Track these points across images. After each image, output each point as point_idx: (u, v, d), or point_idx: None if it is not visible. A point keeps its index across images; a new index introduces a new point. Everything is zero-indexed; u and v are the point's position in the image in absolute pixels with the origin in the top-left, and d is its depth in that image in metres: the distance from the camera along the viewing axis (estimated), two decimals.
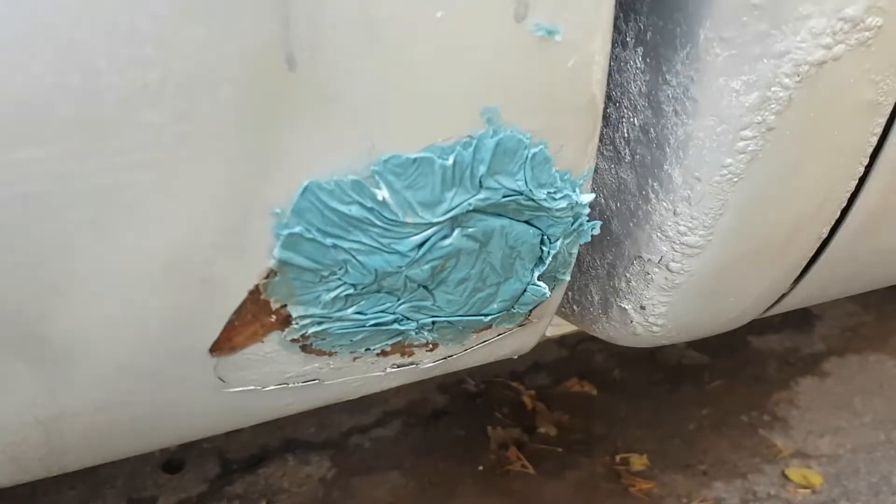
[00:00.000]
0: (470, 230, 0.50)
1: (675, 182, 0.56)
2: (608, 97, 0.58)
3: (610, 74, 0.57)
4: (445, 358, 0.61)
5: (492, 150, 0.46)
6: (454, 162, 0.45)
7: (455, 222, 0.49)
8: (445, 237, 0.49)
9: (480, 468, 1.66)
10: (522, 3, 0.40)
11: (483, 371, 1.92)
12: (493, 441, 1.74)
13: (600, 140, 0.61)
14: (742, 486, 1.60)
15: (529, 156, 0.47)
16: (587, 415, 1.85)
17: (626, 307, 0.67)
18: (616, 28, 0.55)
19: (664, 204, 0.58)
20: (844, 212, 0.61)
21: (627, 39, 0.54)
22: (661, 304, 0.65)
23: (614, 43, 0.55)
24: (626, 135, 0.58)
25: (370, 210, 0.45)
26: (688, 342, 1.56)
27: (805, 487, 1.56)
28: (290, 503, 1.48)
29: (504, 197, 0.49)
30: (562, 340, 1.97)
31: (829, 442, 1.70)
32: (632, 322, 0.68)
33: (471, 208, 0.48)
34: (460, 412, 1.84)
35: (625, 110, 0.57)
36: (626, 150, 0.59)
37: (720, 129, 0.51)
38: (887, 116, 0.54)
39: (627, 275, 0.65)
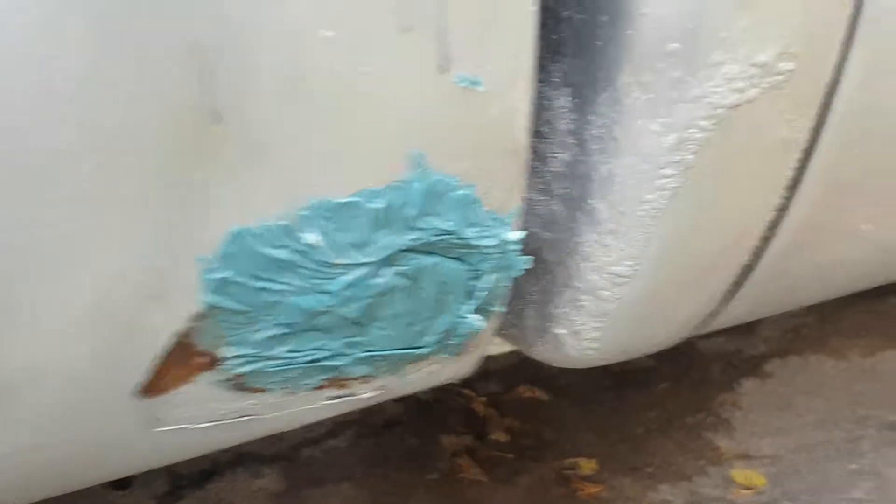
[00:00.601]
0: (402, 268, 0.51)
1: (602, 216, 0.58)
2: (538, 133, 0.59)
3: (539, 111, 0.59)
4: (382, 388, 0.62)
5: (422, 193, 0.47)
6: (384, 205, 0.46)
7: (387, 261, 0.50)
8: (378, 276, 0.50)
9: (433, 477, 1.67)
10: (445, 57, 0.42)
11: None
12: (446, 449, 1.74)
13: (533, 173, 0.63)
14: (687, 488, 1.63)
15: (458, 197, 0.49)
16: (538, 420, 1.87)
17: (561, 332, 0.69)
18: (544, 68, 0.56)
19: (592, 236, 0.60)
20: (768, 239, 0.64)
21: (555, 79, 0.56)
22: (593, 329, 0.67)
23: (543, 82, 0.57)
24: (555, 169, 0.60)
25: (300, 253, 0.46)
26: None
27: (748, 488, 1.60)
28: None
29: (435, 236, 0.50)
30: None
31: (771, 443, 1.74)
32: (566, 346, 0.70)
33: (402, 248, 0.49)
34: (413, 421, 1.85)
35: (554, 146, 0.59)
36: (556, 184, 0.60)
37: (642, 168, 0.53)
38: (803, 151, 0.56)
39: (560, 301, 0.67)
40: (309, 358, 0.53)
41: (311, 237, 0.45)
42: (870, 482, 1.59)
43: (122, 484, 1.58)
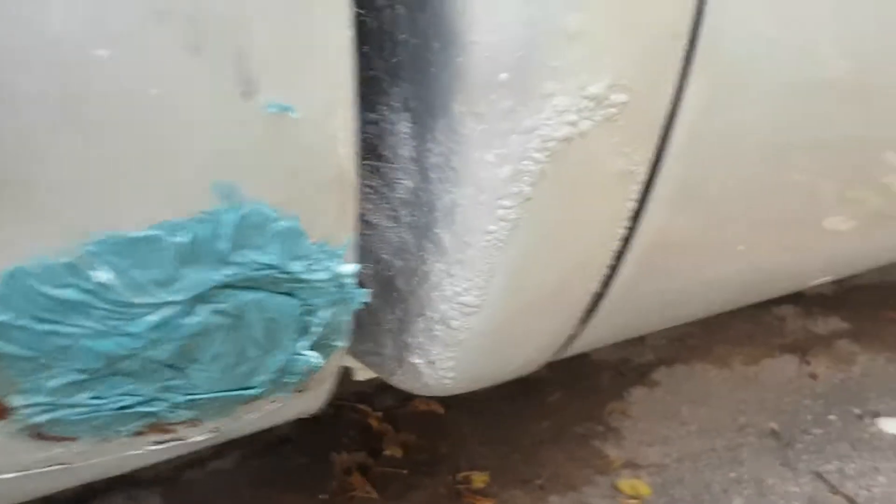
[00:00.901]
0: (220, 306, 0.47)
1: (447, 245, 0.56)
2: (383, 158, 0.57)
3: (383, 136, 0.56)
4: (216, 430, 0.58)
5: (234, 226, 0.43)
6: (190, 239, 0.42)
7: (200, 299, 0.46)
8: (190, 315, 0.46)
9: (324, 497, 1.62)
10: (249, 82, 0.38)
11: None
12: (337, 467, 1.70)
13: (381, 199, 0.60)
14: (576, 498, 1.65)
15: (278, 230, 0.45)
16: (433, 434, 1.85)
17: (417, 362, 0.67)
18: (384, 91, 0.54)
19: (439, 265, 0.58)
20: (615, 267, 0.63)
21: (395, 104, 0.53)
22: (448, 358, 0.65)
23: (384, 105, 0.54)
24: (402, 196, 0.57)
25: (90, 293, 0.41)
26: None
27: (634, 498, 1.63)
28: None
29: (255, 271, 0.47)
30: None
31: (657, 451, 1.77)
32: (423, 376, 0.68)
33: (217, 284, 0.45)
34: (304, 438, 1.79)
35: (398, 172, 0.56)
36: (403, 212, 0.58)
37: (481, 199, 0.51)
38: (643, 183, 0.56)
39: (415, 331, 0.65)
40: (117, 405, 0.48)
41: (102, 275, 0.41)
42: (750, 489, 1.64)
43: None
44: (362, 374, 0.82)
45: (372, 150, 0.58)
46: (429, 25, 0.47)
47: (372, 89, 0.55)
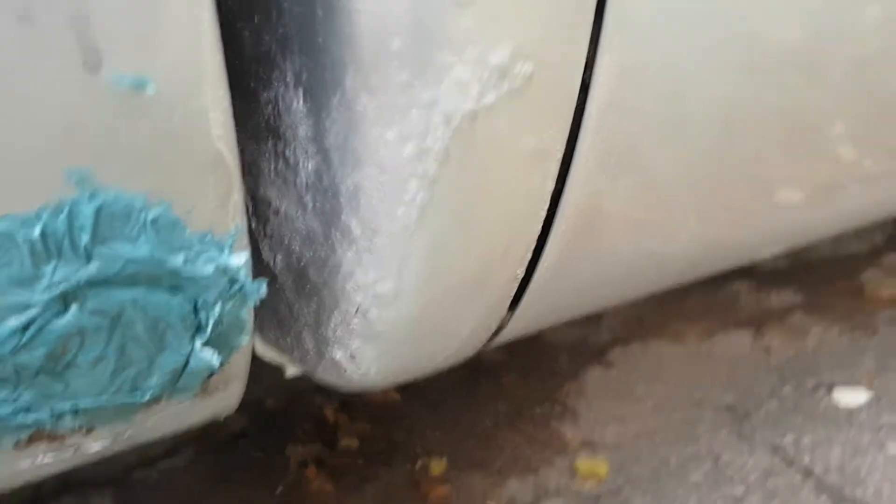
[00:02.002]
0: (91, 305, 0.43)
1: (355, 233, 0.52)
2: (282, 138, 0.53)
3: (279, 114, 0.52)
4: (117, 436, 0.53)
5: (92, 216, 0.39)
6: (43, 232, 0.38)
7: (69, 298, 0.42)
8: (58, 316, 0.42)
9: (279, 490, 1.59)
10: (93, 52, 0.34)
11: (285, 385, 1.85)
12: (293, 460, 1.67)
13: (285, 183, 0.56)
14: (534, 481, 1.64)
15: (148, 219, 0.41)
16: (389, 422, 1.82)
17: (337, 356, 0.63)
18: (277, 65, 0.50)
19: (349, 254, 0.54)
20: (539, 250, 0.60)
21: (288, 79, 0.49)
22: (368, 351, 0.61)
23: (278, 81, 0.50)
24: (304, 181, 0.53)
25: None
26: None
27: (592, 477, 1.62)
28: None
29: (127, 265, 0.42)
30: None
31: (613, 430, 1.77)
32: (347, 371, 0.64)
33: (84, 282, 0.41)
34: (259, 433, 1.75)
35: (298, 154, 0.52)
36: (308, 197, 0.54)
37: (384, 180, 0.48)
38: (559, 162, 0.53)
39: (332, 324, 0.61)
40: None
41: None
42: (707, 464, 1.65)
43: None
44: (291, 370, 0.79)
45: (272, 131, 0.54)
46: None
47: (265, 64, 0.51)
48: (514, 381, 1.88)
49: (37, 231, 0.38)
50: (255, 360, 0.72)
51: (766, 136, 0.68)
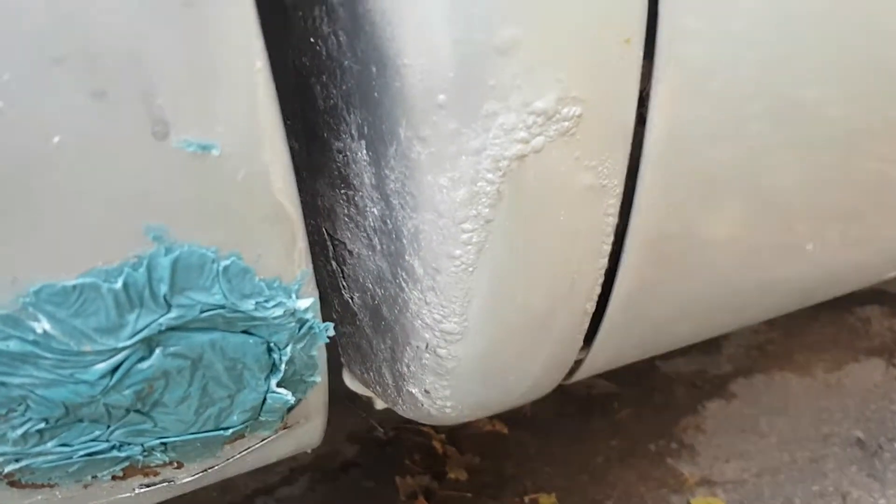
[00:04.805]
0: (173, 349, 0.47)
1: (418, 272, 0.54)
2: (350, 185, 0.56)
3: (348, 163, 0.55)
4: (206, 470, 0.57)
5: (169, 268, 0.43)
6: (125, 284, 0.42)
7: (152, 343, 0.46)
8: (143, 359, 0.46)
9: None
10: (161, 122, 0.38)
11: (395, 416, 1.89)
12: (402, 491, 1.70)
13: (357, 227, 0.59)
14: None
15: (220, 269, 0.45)
16: (498, 455, 1.82)
17: (413, 391, 0.65)
18: (343, 118, 0.53)
19: (415, 293, 0.56)
20: (609, 285, 0.60)
21: (353, 131, 0.52)
22: (442, 387, 0.63)
23: (344, 133, 0.53)
24: (371, 224, 0.56)
25: (34, 343, 0.42)
26: None
27: None
28: None
29: (204, 312, 0.46)
30: None
31: (734, 467, 1.69)
32: (422, 405, 0.66)
33: (164, 328, 0.45)
34: (370, 462, 1.80)
35: (365, 200, 0.55)
36: (376, 239, 0.57)
37: (441, 223, 0.49)
38: (619, 196, 0.52)
39: (406, 360, 0.63)
40: (87, 450, 0.49)
41: (42, 325, 0.42)
42: (834, 503, 1.54)
43: None
44: (380, 402, 0.81)
45: (343, 179, 0.57)
46: (365, 50, 0.46)
47: (334, 117, 0.54)
48: (628, 414, 1.83)
49: (120, 283, 0.42)
50: None
51: (845, 154, 0.64)
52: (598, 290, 0.58)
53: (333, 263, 0.66)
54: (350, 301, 0.66)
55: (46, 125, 0.36)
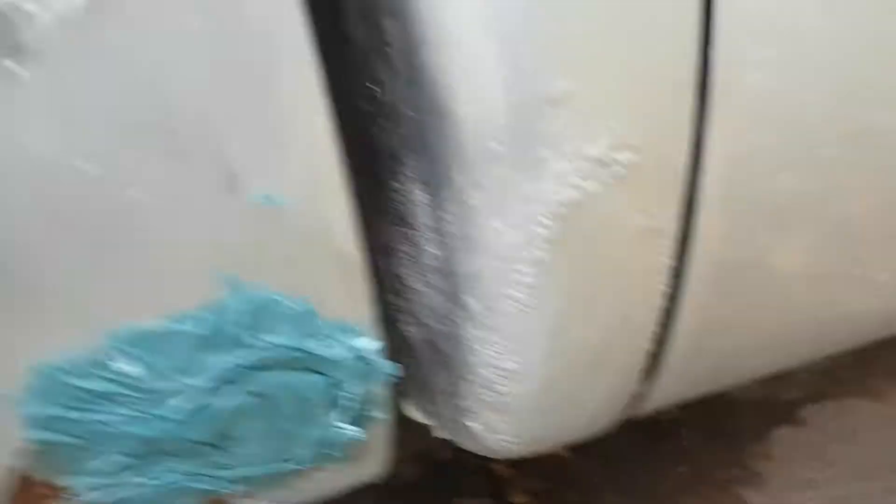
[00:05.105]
0: (246, 387, 0.50)
1: (475, 311, 0.56)
2: (408, 224, 0.58)
3: (405, 204, 0.58)
4: (280, 500, 0.60)
5: (241, 312, 0.46)
6: (201, 327, 0.45)
7: (225, 381, 0.49)
8: (219, 397, 0.49)
9: None
10: (231, 176, 0.41)
11: None
12: None
13: (414, 265, 0.61)
14: None
15: (288, 311, 0.48)
16: (560, 481, 1.80)
17: (473, 425, 0.66)
18: (401, 162, 0.55)
19: (473, 331, 0.57)
20: (667, 325, 0.60)
21: (410, 174, 0.54)
22: (500, 422, 0.64)
23: (403, 175, 0.55)
24: (428, 263, 0.58)
25: (114, 381, 0.45)
26: None
27: None
28: None
29: (273, 352, 0.49)
30: None
31: (804, 497, 1.64)
32: (483, 439, 0.67)
33: (237, 367, 0.48)
34: (431, 484, 1.81)
35: (423, 240, 0.57)
36: (433, 277, 0.59)
37: (496, 265, 0.51)
38: (675, 238, 0.53)
39: (464, 395, 0.64)
40: (167, 482, 0.52)
41: (123, 365, 0.45)
42: None
43: None
44: (439, 431, 0.83)
45: (402, 218, 0.60)
46: (421, 99, 0.48)
47: (393, 160, 0.57)
48: (696, 441, 1.79)
49: (196, 326, 0.46)
50: None
51: None
52: (654, 328, 0.59)
53: (391, 297, 0.68)
54: (407, 335, 0.68)
55: (132, 185, 0.40)
